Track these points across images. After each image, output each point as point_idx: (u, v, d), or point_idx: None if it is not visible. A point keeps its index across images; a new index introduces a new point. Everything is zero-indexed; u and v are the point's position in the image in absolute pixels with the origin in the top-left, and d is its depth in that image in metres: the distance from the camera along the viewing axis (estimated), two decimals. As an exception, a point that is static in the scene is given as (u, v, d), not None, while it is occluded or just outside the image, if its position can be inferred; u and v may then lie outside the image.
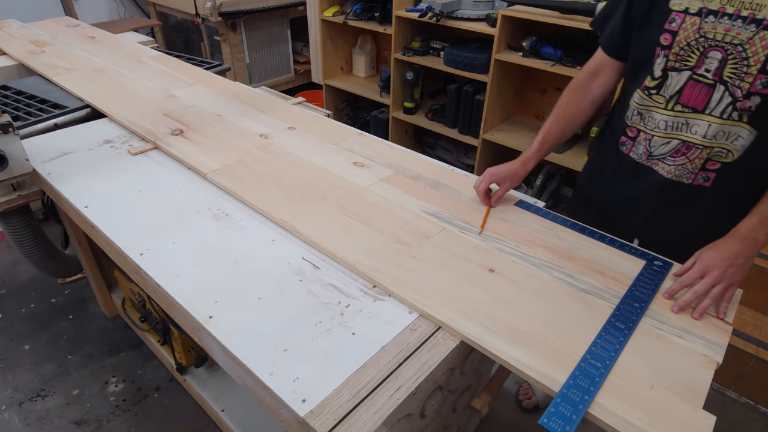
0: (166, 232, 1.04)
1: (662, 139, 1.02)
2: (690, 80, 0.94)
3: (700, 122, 0.96)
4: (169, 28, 3.75)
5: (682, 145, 1.00)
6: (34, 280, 2.17)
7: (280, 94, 1.75)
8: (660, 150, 1.04)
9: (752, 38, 0.86)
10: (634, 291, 0.92)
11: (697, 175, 1.01)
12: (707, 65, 0.92)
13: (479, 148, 2.50)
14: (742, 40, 0.87)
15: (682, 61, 0.94)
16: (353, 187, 1.19)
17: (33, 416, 1.61)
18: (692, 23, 0.91)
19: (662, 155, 1.04)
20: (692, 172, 1.01)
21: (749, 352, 1.68)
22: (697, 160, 0.99)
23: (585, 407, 0.71)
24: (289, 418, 0.73)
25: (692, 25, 0.91)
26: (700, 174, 1.01)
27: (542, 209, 1.14)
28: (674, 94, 0.97)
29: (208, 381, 1.55)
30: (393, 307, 0.88)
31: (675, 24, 0.93)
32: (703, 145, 0.97)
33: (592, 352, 0.79)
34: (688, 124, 0.98)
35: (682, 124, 0.98)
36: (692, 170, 1.01)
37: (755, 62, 0.87)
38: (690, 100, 0.96)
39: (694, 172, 1.01)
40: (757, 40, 0.85)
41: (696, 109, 0.95)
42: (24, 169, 1.23)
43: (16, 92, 1.67)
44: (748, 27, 0.86)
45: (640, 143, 1.07)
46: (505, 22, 2.15)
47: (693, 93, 0.95)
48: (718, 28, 0.89)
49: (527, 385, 1.71)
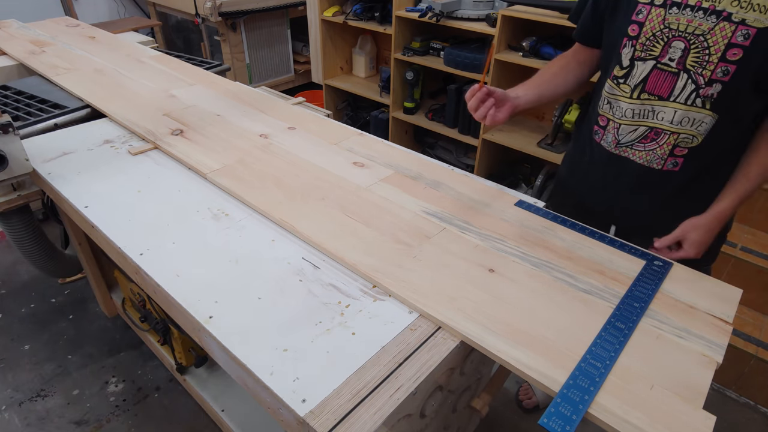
0: (166, 232, 1.04)
1: (629, 127, 1.06)
2: (654, 69, 0.99)
3: (666, 109, 1.00)
4: (169, 28, 3.75)
5: (650, 131, 1.04)
6: (34, 280, 2.17)
7: (280, 94, 1.75)
8: (628, 137, 1.08)
9: (713, 29, 0.90)
10: (634, 291, 0.92)
11: (666, 161, 1.06)
12: (671, 54, 0.96)
13: (479, 148, 2.50)
14: (704, 30, 0.91)
15: (648, 50, 0.98)
16: (353, 187, 1.19)
17: (33, 416, 1.61)
18: (657, 14, 0.95)
19: (630, 142, 1.08)
20: (662, 157, 1.06)
21: (749, 352, 1.68)
22: (666, 145, 1.04)
23: (585, 407, 0.71)
24: (289, 418, 0.73)
25: (657, 16, 0.95)
26: (669, 160, 1.06)
27: (542, 209, 1.14)
28: (639, 82, 1.01)
29: (208, 381, 1.55)
30: (393, 307, 0.88)
31: (641, 15, 0.97)
32: (671, 130, 1.02)
33: (592, 352, 0.79)
34: (654, 111, 1.02)
35: (648, 111, 1.03)
36: (662, 156, 1.06)
37: (716, 51, 0.91)
38: (655, 88, 1.00)
39: (664, 157, 1.06)
40: (717, 31, 0.90)
41: (662, 96, 1.00)
42: (24, 169, 1.23)
43: (16, 92, 1.67)
44: (708, 18, 0.90)
45: (609, 131, 1.11)
46: (505, 22, 2.15)
47: (658, 81, 0.99)
48: (681, 19, 0.93)
49: (527, 385, 1.71)
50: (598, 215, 1.18)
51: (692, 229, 1.01)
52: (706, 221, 1.01)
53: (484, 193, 1.19)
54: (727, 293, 0.93)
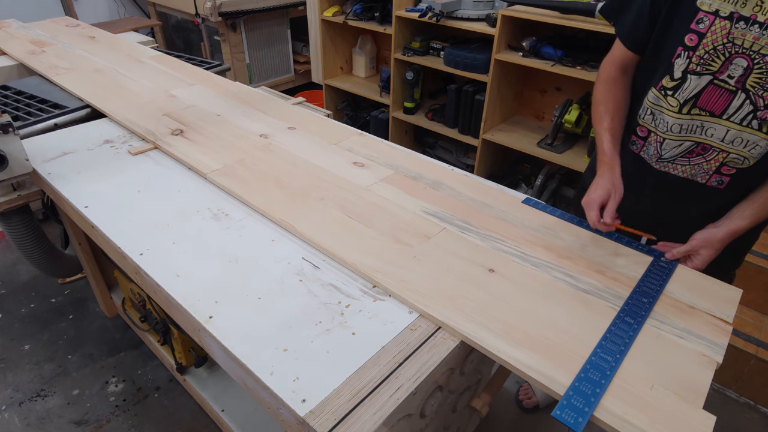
0: (166, 232, 1.04)
1: (674, 142, 1.01)
2: (710, 84, 0.92)
3: (718, 126, 0.94)
4: (169, 28, 3.75)
5: (696, 146, 0.98)
6: (34, 280, 2.17)
7: (280, 94, 1.75)
8: (671, 153, 1.02)
9: None
10: (642, 287, 0.92)
11: (711, 177, 1.00)
12: (731, 71, 0.89)
13: (479, 148, 2.50)
14: None
15: (705, 65, 0.91)
16: (353, 187, 1.19)
17: (33, 416, 1.61)
18: (722, 27, 0.87)
19: (673, 157, 1.02)
20: (707, 172, 1.00)
21: (749, 352, 1.68)
22: (713, 161, 0.98)
23: (597, 399, 0.71)
24: (289, 418, 0.73)
25: (722, 29, 0.87)
26: (714, 176, 1.00)
27: (549, 206, 1.15)
28: (691, 97, 0.94)
29: (208, 381, 1.55)
30: (393, 307, 0.88)
31: (703, 25, 0.89)
32: (721, 148, 0.96)
33: (602, 346, 0.80)
34: (703, 127, 0.96)
35: (696, 126, 0.96)
36: (707, 171, 1.00)
37: None
38: (708, 104, 0.93)
39: (709, 173, 1.00)
40: None
41: (713, 113, 0.93)
42: (24, 169, 1.23)
43: (16, 92, 1.67)
44: None
45: (651, 144, 1.05)
46: (505, 22, 2.15)
47: (712, 97, 0.92)
48: (747, 35, 0.86)
49: (527, 385, 1.71)
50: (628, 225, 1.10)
51: (705, 245, 0.97)
52: (720, 238, 0.96)
53: (484, 193, 1.19)
54: (727, 293, 0.93)
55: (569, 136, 2.39)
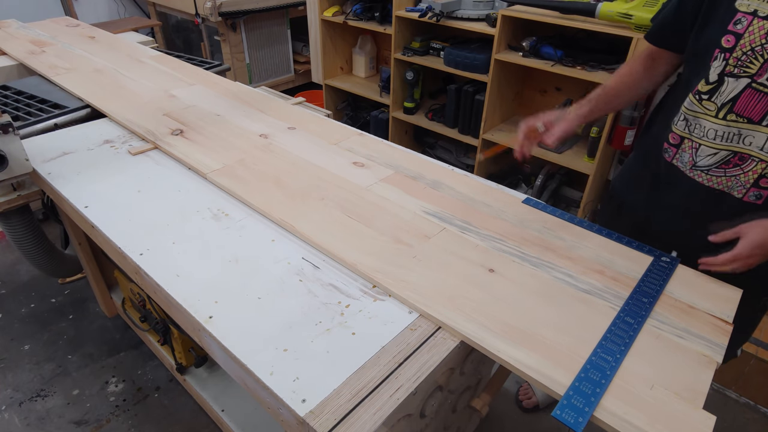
0: (166, 232, 1.04)
1: (710, 149, 0.96)
2: (748, 88, 0.88)
3: (757, 134, 0.89)
4: (169, 28, 3.75)
5: (733, 156, 0.94)
6: (34, 280, 2.17)
7: (280, 94, 1.75)
8: (706, 161, 0.97)
9: None
10: (643, 287, 0.92)
11: (749, 191, 0.95)
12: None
13: (479, 148, 2.50)
14: None
15: (743, 66, 0.87)
16: (353, 187, 1.19)
17: (33, 416, 1.61)
18: (760, 27, 0.84)
19: (708, 167, 0.97)
20: (744, 186, 0.95)
21: (749, 352, 1.68)
22: (752, 173, 0.93)
23: (597, 399, 0.71)
24: (289, 418, 0.73)
25: (760, 29, 0.84)
26: (752, 190, 0.94)
27: (549, 206, 1.15)
28: (727, 101, 0.91)
29: (208, 381, 1.55)
30: (393, 307, 0.88)
31: (740, 26, 0.86)
32: (760, 157, 0.90)
33: (602, 346, 0.80)
34: (740, 135, 0.91)
35: (734, 134, 0.92)
36: (744, 183, 0.94)
37: None
38: (746, 110, 0.89)
39: (746, 186, 0.94)
40: None
41: (752, 119, 0.89)
42: (24, 169, 1.23)
43: (16, 92, 1.67)
44: None
45: (685, 151, 1.00)
46: (505, 22, 2.15)
47: (750, 102, 0.88)
48: None
49: (527, 385, 1.71)
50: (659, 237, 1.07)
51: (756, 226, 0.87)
52: None
53: (484, 193, 1.19)
54: (727, 293, 0.93)
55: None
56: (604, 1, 1.85)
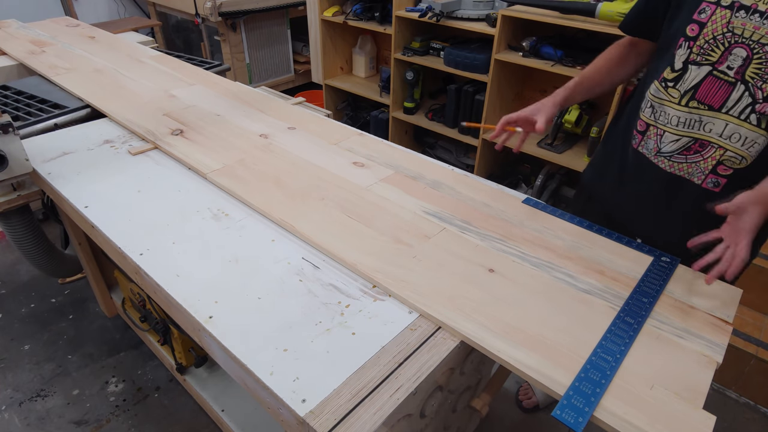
0: (166, 232, 1.04)
1: (673, 136, 0.99)
2: (709, 76, 0.91)
3: (717, 121, 0.92)
4: (169, 28, 3.75)
5: (694, 142, 0.97)
6: (34, 280, 2.17)
7: (280, 94, 1.75)
8: (669, 147, 1.01)
9: None
10: (643, 287, 0.92)
11: (707, 177, 0.98)
12: (730, 62, 0.88)
13: (479, 148, 2.50)
14: None
15: (705, 54, 0.90)
16: (353, 187, 1.19)
17: (33, 416, 1.61)
18: (722, 16, 0.87)
19: (671, 153, 1.01)
20: (703, 172, 0.98)
21: (749, 352, 1.68)
22: (710, 159, 0.96)
23: (597, 399, 0.71)
24: (289, 418, 0.73)
25: (722, 18, 0.87)
26: (710, 177, 0.97)
27: (549, 206, 1.15)
28: (690, 89, 0.94)
29: (208, 381, 1.55)
30: (393, 307, 0.88)
31: (704, 15, 0.89)
32: (719, 144, 0.93)
33: (602, 346, 0.80)
34: (701, 122, 0.94)
35: (695, 121, 0.95)
36: (704, 170, 0.98)
37: None
38: (707, 97, 0.92)
39: (705, 173, 0.98)
40: None
41: (712, 107, 0.92)
42: (24, 169, 1.23)
43: (16, 92, 1.67)
44: None
45: (651, 138, 1.04)
46: (505, 22, 2.15)
47: (711, 90, 0.91)
48: (748, 24, 0.85)
49: (527, 385, 1.71)
50: (624, 225, 1.12)
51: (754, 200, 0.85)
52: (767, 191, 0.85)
53: (484, 193, 1.19)
54: (727, 293, 0.93)
55: (569, 136, 2.39)
56: (604, 1, 1.85)
